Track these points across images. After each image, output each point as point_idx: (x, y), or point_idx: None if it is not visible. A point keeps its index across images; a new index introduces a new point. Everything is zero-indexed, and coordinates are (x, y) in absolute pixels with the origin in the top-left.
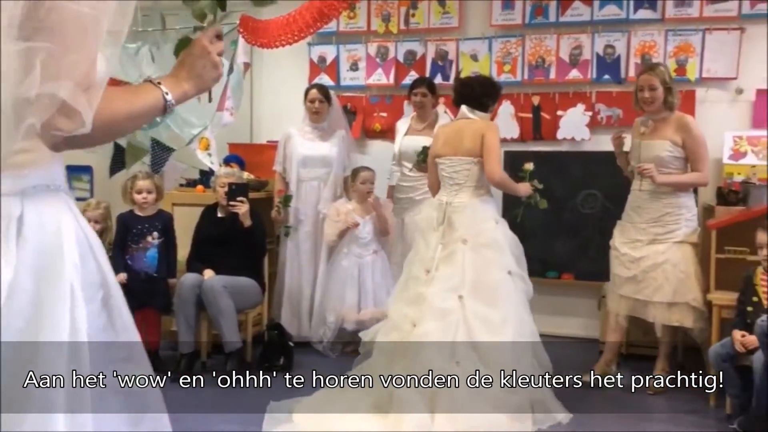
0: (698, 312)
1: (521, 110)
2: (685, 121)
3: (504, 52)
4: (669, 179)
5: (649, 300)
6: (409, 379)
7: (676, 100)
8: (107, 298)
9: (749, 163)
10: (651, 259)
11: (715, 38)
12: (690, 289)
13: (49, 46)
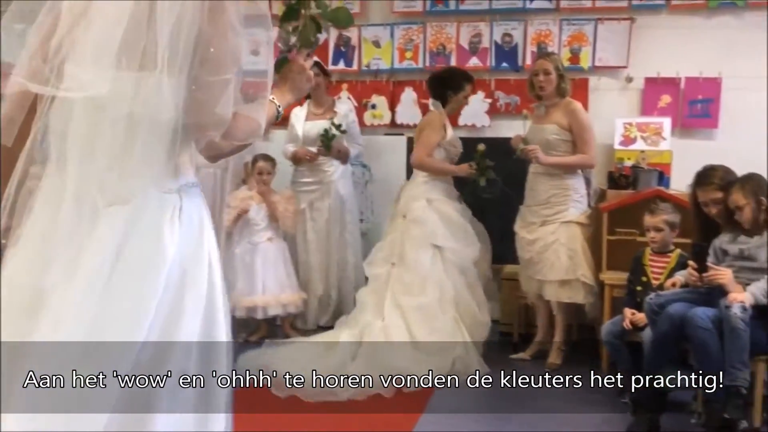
0: (588, 287)
1: (423, 97)
2: (573, 107)
3: (406, 39)
4: (554, 160)
5: (545, 279)
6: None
7: (568, 87)
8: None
9: (639, 149)
10: (543, 239)
11: (606, 28)
12: (579, 265)
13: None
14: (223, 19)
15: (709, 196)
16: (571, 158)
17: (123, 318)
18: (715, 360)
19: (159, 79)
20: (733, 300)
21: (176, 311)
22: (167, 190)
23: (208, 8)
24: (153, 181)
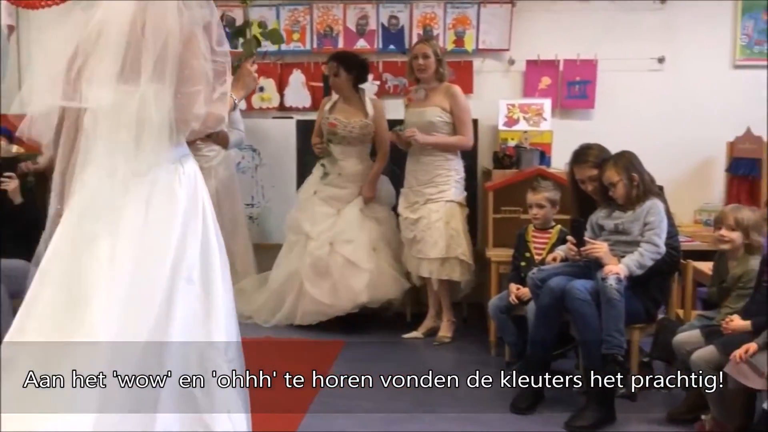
0: (466, 265)
1: (312, 79)
2: (453, 90)
3: (292, 21)
4: (433, 139)
5: (425, 257)
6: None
7: (446, 72)
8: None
9: (521, 129)
10: (426, 218)
11: (489, 11)
12: (459, 244)
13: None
14: (196, 47)
15: (585, 173)
16: (450, 138)
17: (156, 250)
18: (594, 329)
19: (153, 89)
20: (609, 272)
21: (183, 243)
22: (172, 162)
23: (185, 39)
24: (162, 158)
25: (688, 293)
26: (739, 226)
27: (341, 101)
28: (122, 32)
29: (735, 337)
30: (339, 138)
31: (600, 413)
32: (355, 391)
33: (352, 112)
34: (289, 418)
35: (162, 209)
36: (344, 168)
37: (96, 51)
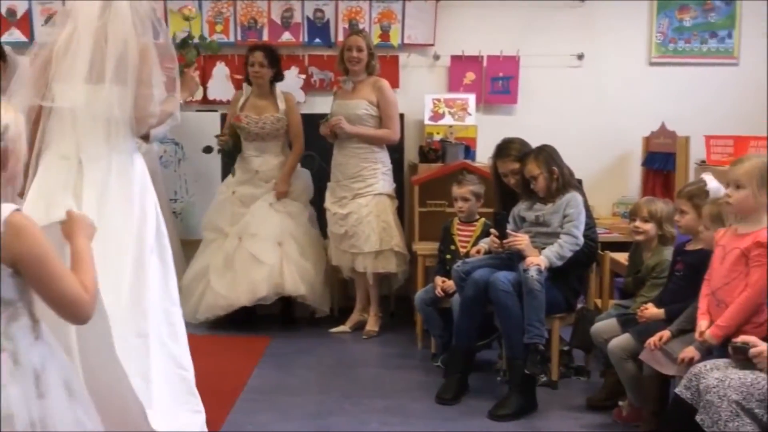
0: (401, 257)
1: (236, 72)
2: (381, 84)
3: (216, 12)
4: (360, 130)
5: (360, 251)
6: None
7: (376, 65)
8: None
9: (447, 124)
10: (357, 213)
11: (414, 6)
12: (392, 236)
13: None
14: (150, 58)
15: (507, 167)
16: (376, 131)
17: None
18: (516, 320)
19: (116, 91)
20: (530, 263)
21: (142, 218)
22: (128, 151)
23: (141, 50)
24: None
25: (605, 283)
26: (653, 217)
27: (254, 96)
28: (89, 42)
29: (649, 325)
30: (252, 135)
31: (522, 401)
32: (281, 385)
33: (263, 107)
34: (214, 414)
35: (120, 189)
36: (261, 165)
37: (67, 57)
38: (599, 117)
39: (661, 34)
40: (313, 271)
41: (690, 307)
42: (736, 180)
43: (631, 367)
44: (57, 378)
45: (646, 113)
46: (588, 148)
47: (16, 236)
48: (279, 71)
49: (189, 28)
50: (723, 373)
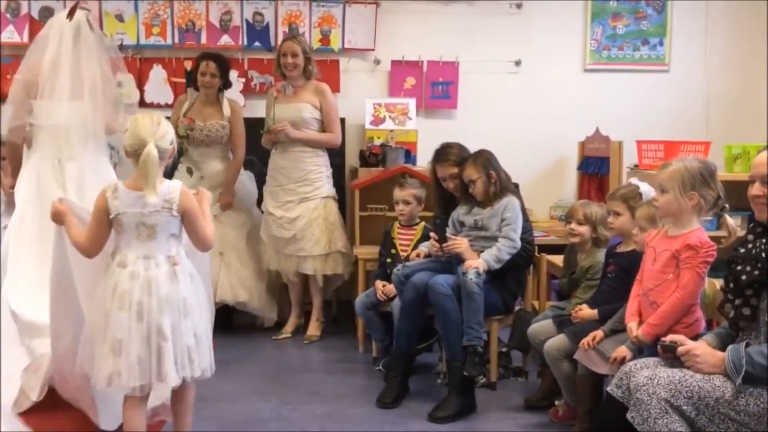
0: (347, 257)
1: (174, 75)
2: (322, 88)
3: (152, 14)
4: (303, 135)
5: (309, 254)
6: None
7: (314, 70)
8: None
9: (387, 128)
10: (305, 216)
11: (354, 11)
12: (339, 238)
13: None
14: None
15: (446, 171)
16: (320, 135)
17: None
18: (455, 323)
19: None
20: (469, 266)
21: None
22: (101, 154)
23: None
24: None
25: (542, 285)
26: (588, 220)
27: (200, 102)
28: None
29: (584, 325)
30: (197, 141)
31: (461, 403)
32: (219, 392)
33: (208, 113)
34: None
35: (95, 184)
36: (205, 170)
37: (50, 80)
38: (537, 122)
39: (595, 42)
40: (255, 279)
41: (622, 307)
42: (661, 184)
43: (566, 366)
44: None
45: (581, 118)
46: (526, 153)
47: (185, 198)
48: (227, 80)
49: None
50: (652, 371)
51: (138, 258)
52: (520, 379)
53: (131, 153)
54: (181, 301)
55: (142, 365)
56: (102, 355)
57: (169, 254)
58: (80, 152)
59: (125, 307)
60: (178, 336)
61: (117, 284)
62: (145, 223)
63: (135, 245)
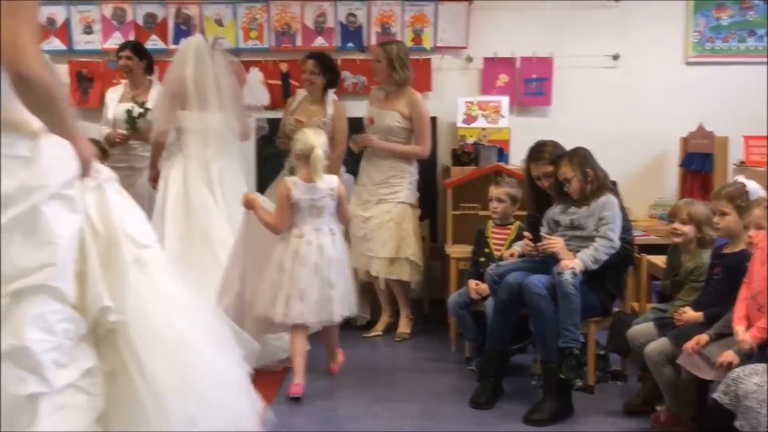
0: (415, 266)
1: (270, 77)
2: (414, 98)
3: (249, 18)
4: (389, 145)
5: (375, 255)
6: None
7: (401, 77)
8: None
9: (480, 126)
10: (378, 217)
11: (446, 9)
12: (410, 245)
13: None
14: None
15: (540, 169)
16: (405, 147)
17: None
18: (550, 324)
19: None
20: (565, 267)
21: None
22: (238, 154)
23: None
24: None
25: (642, 286)
26: (692, 220)
27: (306, 101)
28: (211, 81)
29: (687, 328)
30: None
31: (557, 406)
32: (314, 389)
33: (312, 112)
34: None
35: (233, 180)
36: None
37: (197, 92)
38: (635, 118)
39: (698, 33)
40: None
41: (729, 311)
42: None
43: (668, 371)
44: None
45: (683, 113)
46: (624, 150)
47: (340, 187)
48: (332, 78)
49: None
50: (762, 378)
51: (311, 230)
52: (619, 382)
53: (301, 156)
54: (340, 260)
55: (319, 307)
56: (290, 300)
57: (330, 227)
58: (221, 155)
59: (306, 265)
60: (339, 286)
61: (297, 250)
62: (316, 205)
63: (308, 221)
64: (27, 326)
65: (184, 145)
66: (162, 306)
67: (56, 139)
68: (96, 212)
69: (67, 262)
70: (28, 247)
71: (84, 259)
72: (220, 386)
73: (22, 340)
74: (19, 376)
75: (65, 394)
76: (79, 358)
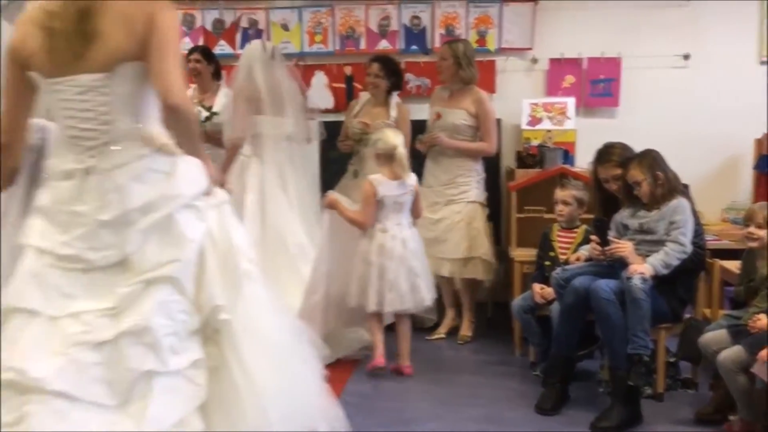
0: (488, 264)
1: (334, 80)
2: (480, 96)
3: (314, 22)
4: (456, 143)
5: (448, 257)
6: None
7: (467, 74)
8: None
9: (545, 128)
10: (449, 219)
11: (511, 10)
12: (481, 244)
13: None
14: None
15: (608, 172)
16: (472, 145)
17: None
18: (619, 330)
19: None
20: (634, 271)
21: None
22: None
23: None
24: (299, 154)
25: (715, 292)
26: None
27: (369, 104)
28: (280, 88)
29: (762, 336)
30: (366, 141)
31: (626, 414)
32: (377, 390)
33: (375, 114)
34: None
35: (297, 182)
36: (371, 169)
37: (270, 97)
38: (707, 119)
39: None
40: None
41: None
42: None
43: (742, 379)
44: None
45: (757, 114)
46: (695, 152)
47: (416, 185)
48: (396, 81)
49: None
50: None
51: (393, 225)
52: (690, 390)
53: (382, 155)
54: (420, 251)
55: (409, 295)
56: (382, 292)
57: (409, 221)
58: (292, 159)
59: (392, 258)
60: (422, 274)
61: (383, 244)
62: (398, 201)
63: (391, 217)
64: (152, 310)
65: (260, 150)
66: (263, 311)
67: (190, 158)
68: (216, 226)
69: (191, 261)
70: (162, 246)
71: (202, 264)
72: (306, 387)
73: (147, 321)
74: (140, 352)
75: (176, 379)
76: (189, 349)
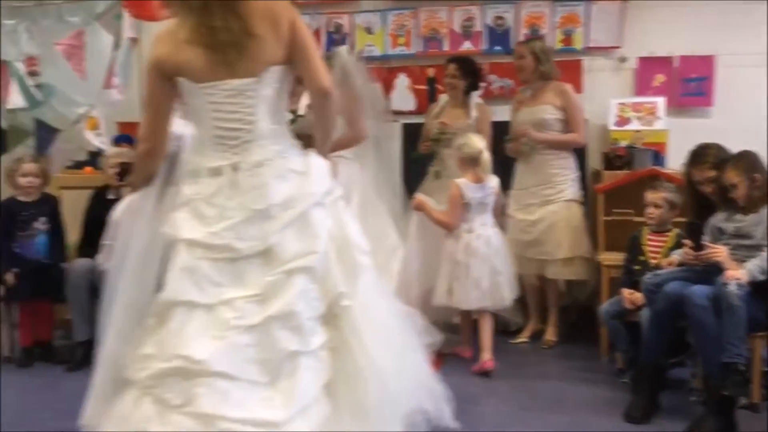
0: (591, 263)
1: (417, 82)
2: (563, 88)
3: (398, 25)
4: (546, 136)
5: (550, 258)
6: None
7: (548, 69)
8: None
9: (633, 129)
10: (547, 219)
11: (599, 8)
12: (582, 243)
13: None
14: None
15: (703, 174)
16: (563, 136)
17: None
18: (713, 337)
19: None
20: (730, 277)
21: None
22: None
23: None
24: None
25: None
26: None
27: (449, 106)
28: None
29: None
30: (445, 141)
31: (720, 424)
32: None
33: (456, 115)
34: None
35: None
36: (452, 170)
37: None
38: None
39: None
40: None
41: None
42: None
43: None
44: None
45: None
46: None
47: (497, 186)
48: (474, 81)
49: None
50: None
51: (478, 225)
52: None
53: (468, 158)
54: (503, 250)
55: (490, 293)
56: (467, 289)
57: (492, 221)
58: (379, 161)
59: (477, 257)
60: (505, 272)
61: (469, 243)
62: (483, 202)
63: (476, 218)
64: (295, 297)
65: (360, 152)
66: (377, 299)
67: (318, 158)
68: (335, 221)
69: (324, 253)
70: (300, 239)
71: (326, 255)
72: (416, 369)
73: (292, 306)
74: (287, 335)
75: (313, 358)
76: (317, 331)
